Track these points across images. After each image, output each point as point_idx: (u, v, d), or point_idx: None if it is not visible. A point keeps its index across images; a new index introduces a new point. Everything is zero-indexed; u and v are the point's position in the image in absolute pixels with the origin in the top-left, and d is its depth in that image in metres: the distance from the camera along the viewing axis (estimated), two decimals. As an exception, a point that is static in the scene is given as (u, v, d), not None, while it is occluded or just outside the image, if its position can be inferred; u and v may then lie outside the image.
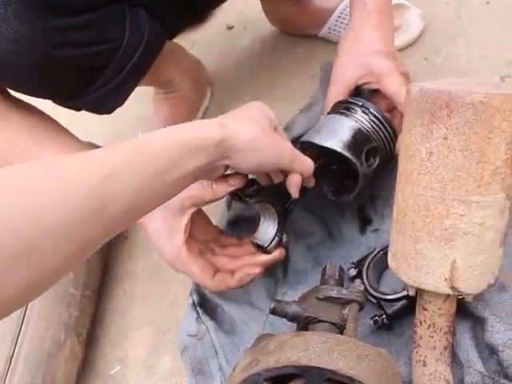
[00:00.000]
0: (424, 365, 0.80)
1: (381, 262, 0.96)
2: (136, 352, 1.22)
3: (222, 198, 0.93)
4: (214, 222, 1.21)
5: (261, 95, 1.47)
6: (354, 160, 0.95)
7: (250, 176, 0.93)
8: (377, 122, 0.98)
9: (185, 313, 1.11)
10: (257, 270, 0.97)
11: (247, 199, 0.94)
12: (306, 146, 1.00)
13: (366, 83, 1.04)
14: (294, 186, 0.90)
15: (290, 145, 0.87)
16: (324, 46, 1.43)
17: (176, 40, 1.33)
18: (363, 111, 0.99)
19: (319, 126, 1.01)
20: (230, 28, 1.70)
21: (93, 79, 0.98)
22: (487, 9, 1.27)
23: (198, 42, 1.73)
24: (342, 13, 1.39)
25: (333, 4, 1.41)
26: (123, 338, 1.27)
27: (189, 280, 1.17)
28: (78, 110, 1.06)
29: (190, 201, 0.93)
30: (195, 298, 1.09)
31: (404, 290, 0.88)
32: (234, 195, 0.95)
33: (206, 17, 1.73)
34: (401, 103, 0.96)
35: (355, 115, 0.99)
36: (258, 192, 0.94)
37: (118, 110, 1.11)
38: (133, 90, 1.06)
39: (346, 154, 0.95)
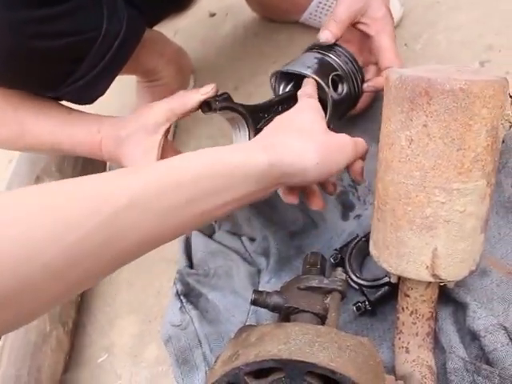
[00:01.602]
0: (407, 351, 0.80)
1: (363, 249, 0.96)
2: (122, 340, 1.23)
3: (195, 109, 0.94)
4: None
5: (244, 81, 1.47)
6: (320, 80, 0.98)
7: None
8: (343, 55, 1.04)
9: (169, 302, 1.11)
10: None
11: (217, 104, 0.93)
12: (277, 77, 1.06)
13: (363, 23, 1.04)
14: (359, 174, 0.88)
15: (347, 137, 0.83)
16: (305, 31, 1.43)
17: (159, 28, 1.32)
18: (331, 49, 1.04)
19: (290, 61, 1.05)
20: (212, 15, 1.70)
21: (71, 70, 0.97)
22: (466, -7, 1.27)
23: (181, 30, 1.72)
24: (323, -2, 1.39)
25: (314, -10, 1.40)
26: (109, 327, 1.27)
27: (174, 268, 1.18)
28: (59, 99, 1.06)
29: (163, 116, 0.94)
30: (179, 287, 1.10)
31: (386, 276, 0.88)
32: (204, 106, 0.95)
33: (187, 4, 1.72)
34: (385, 59, 1.02)
35: (323, 51, 1.03)
36: (227, 101, 0.95)
37: (101, 100, 1.10)
38: (113, 79, 1.05)
39: (313, 75, 0.98)
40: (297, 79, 1.03)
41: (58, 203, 0.55)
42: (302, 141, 0.76)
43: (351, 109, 1.10)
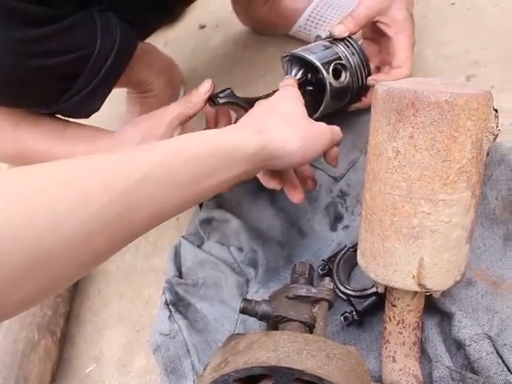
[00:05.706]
0: (394, 360, 0.81)
1: (351, 259, 0.97)
2: (111, 350, 1.23)
3: (203, 107, 0.99)
4: (186, 221, 1.22)
5: (233, 93, 1.47)
6: (320, 66, 1.01)
7: None
8: (351, 46, 1.07)
9: (158, 311, 1.12)
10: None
11: (218, 100, 0.99)
12: (288, 60, 1.09)
13: (383, 23, 1.08)
14: (334, 159, 0.94)
15: (325, 125, 0.89)
16: (295, 44, 1.42)
17: (149, 39, 1.32)
18: (342, 39, 1.07)
19: (303, 47, 1.08)
20: (202, 27, 1.71)
21: (67, 87, 0.97)
22: (452, 10, 1.29)
23: (171, 41, 1.73)
24: (312, 12, 1.39)
25: (303, 3, 1.41)
26: (98, 337, 1.27)
27: (162, 278, 1.18)
28: (53, 114, 1.06)
29: (177, 120, 0.98)
30: (168, 296, 1.10)
31: (373, 286, 0.89)
32: (209, 101, 1.00)
33: (178, 16, 1.73)
34: (398, 59, 1.06)
35: (333, 41, 1.07)
36: (229, 96, 1.01)
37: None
38: (108, 94, 1.05)
39: (315, 61, 1.02)
40: (307, 66, 1.07)
41: (75, 178, 0.57)
42: (287, 126, 0.83)
43: (355, 101, 1.13)
